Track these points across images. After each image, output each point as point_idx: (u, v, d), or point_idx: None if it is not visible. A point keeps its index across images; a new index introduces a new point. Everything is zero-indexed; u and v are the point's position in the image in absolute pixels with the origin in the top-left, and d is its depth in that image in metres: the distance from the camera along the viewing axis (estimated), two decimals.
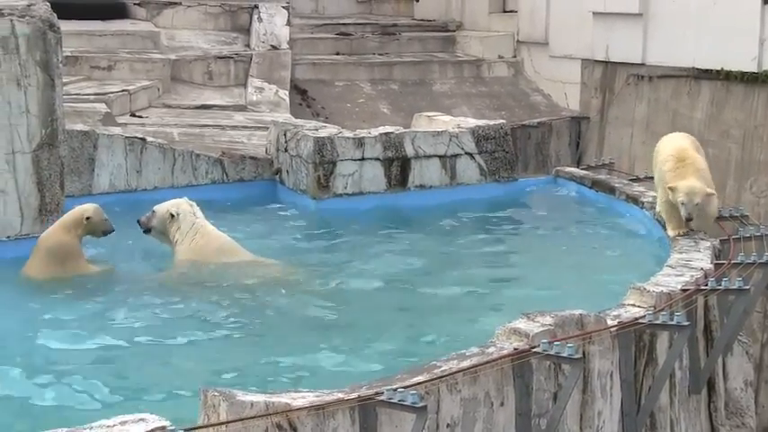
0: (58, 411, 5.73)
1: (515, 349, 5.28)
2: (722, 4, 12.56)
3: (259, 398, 4.65)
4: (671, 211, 7.81)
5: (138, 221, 8.54)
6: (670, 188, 7.61)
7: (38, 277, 7.96)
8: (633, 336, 5.85)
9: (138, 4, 16.29)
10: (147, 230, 8.55)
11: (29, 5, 8.55)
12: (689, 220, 7.54)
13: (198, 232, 8.39)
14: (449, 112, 12.99)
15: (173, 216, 8.41)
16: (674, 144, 8.06)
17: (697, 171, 7.66)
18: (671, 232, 7.83)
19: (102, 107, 11.91)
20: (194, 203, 8.60)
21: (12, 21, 8.27)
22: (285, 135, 10.41)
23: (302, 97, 14.90)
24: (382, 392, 4.77)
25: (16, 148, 8.33)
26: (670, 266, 6.83)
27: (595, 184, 10.21)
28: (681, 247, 7.37)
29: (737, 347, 7.21)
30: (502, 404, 5.26)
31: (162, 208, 8.54)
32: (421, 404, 4.69)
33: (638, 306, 6.02)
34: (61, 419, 5.07)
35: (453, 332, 6.89)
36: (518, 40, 16.27)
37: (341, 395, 4.81)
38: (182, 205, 8.53)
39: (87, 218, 8.12)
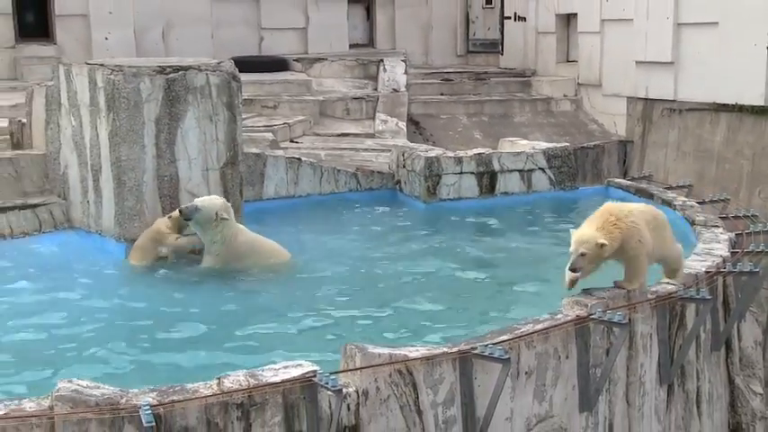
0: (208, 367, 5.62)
1: (577, 316, 5.19)
2: (735, 54, 12.23)
3: (384, 350, 4.65)
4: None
5: (180, 210, 7.73)
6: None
7: (140, 260, 7.84)
8: (668, 306, 5.70)
9: (296, 60, 16.50)
10: (188, 219, 7.71)
11: (218, 63, 8.70)
12: (572, 270, 5.26)
13: (237, 236, 7.73)
14: (526, 138, 12.86)
15: (220, 220, 7.64)
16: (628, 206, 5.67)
17: (610, 223, 5.30)
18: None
19: (269, 136, 12.06)
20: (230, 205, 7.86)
21: (207, 74, 8.41)
22: (403, 155, 10.40)
23: (416, 127, 14.88)
24: (476, 347, 4.74)
25: (209, 166, 8.46)
26: (696, 254, 6.64)
27: (638, 191, 9.96)
28: (705, 239, 7.15)
29: (749, 316, 7.01)
30: (567, 357, 5.17)
31: (210, 207, 7.65)
32: (506, 356, 4.65)
33: (672, 284, 5.85)
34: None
35: (527, 302, 6.81)
36: (578, 83, 16.05)
37: (445, 349, 4.78)
38: (229, 210, 7.74)
39: (169, 216, 8.04)
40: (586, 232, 5.32)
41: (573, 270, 5.29)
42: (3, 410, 3.99)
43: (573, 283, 5.41)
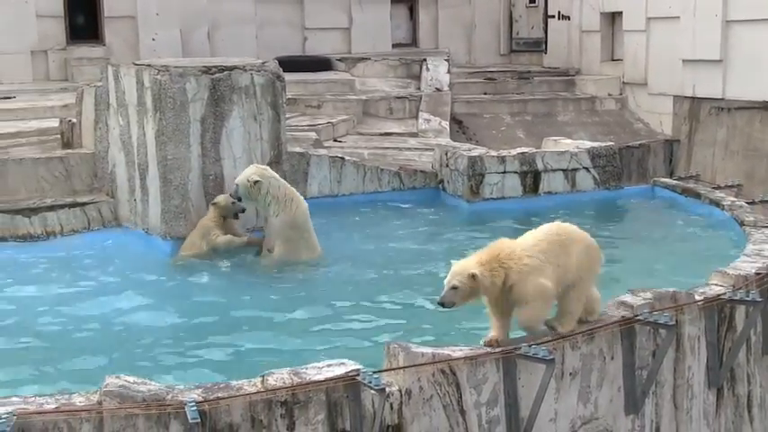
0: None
1: (623, 317, 5.12)
2: None
3: (427, 350, 4.63)
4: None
5: (230, 194, 7.96)
6: None
7: (187, 252, 7.93)
8: (716, 308, 5.59)
9: (340, 60, 16.54)
10: (238, 199, 7.92)
11: (263, 63, 8.75)
12: (440, 305, 4.73)
13: (291, 200, 7.84)
14: (570, 137, 12.73)
15: (253, 184, 7.78)
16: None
17: (497, 260, 4.69)
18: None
19: (313, 135, 12.10)
20: (267, 168, 8.01)
21: (251, 74, 8.47)
22: (446, 154, 10.36)
23: (459, 126, 14.83)
24: (520, 348, 4.69)
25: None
26: (746, 255, 6.51)
27: (685, 191, 9.82)
28: (755, 240, 7.01)
29: None
30: (612, 358, 5.10)
31: (242, 177, 7.87)
32: (550, 357, 4.60)
33: (720, 285, 5.74)
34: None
35: None
36: (623, 82, 15.89)
37: (489, 349, 4.74)
38: (259, 172, 7.86)
39: (213, 203, 8.10)
40: (462, 263, 4.73)
41: (441, 305, 4.71)
42: (53, 404, 4.04)
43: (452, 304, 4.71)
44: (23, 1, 14.77)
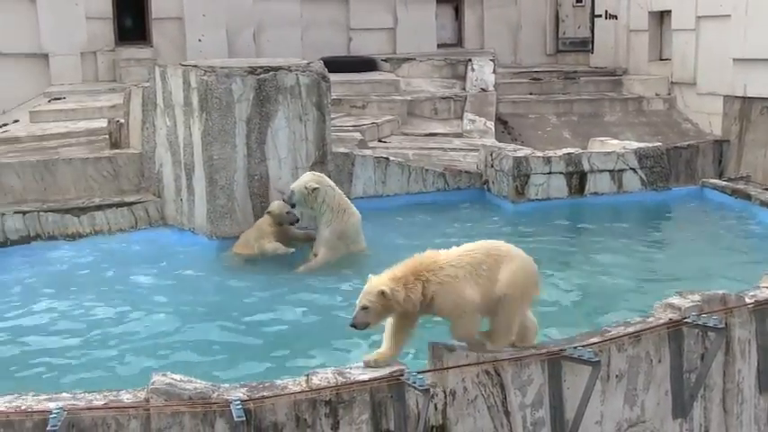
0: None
1: (670, 319, 5.05)
2: None
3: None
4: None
5: (283, 199, 8.02)
6: None
7: (240, 251, 7.98)
8: None
9: (385, 60, 16.57)
10: (293, 205, 7.94)
11: (308, 63, 8.79)
12: (352, 327, 4.53)
13: (345, 210, 7.86)
14: (616, 138, 12.61)
15: (311, 191, 7.80)
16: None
17: (415, 273, 4.49)
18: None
19: (357, 135, 12.13)
20: (324, 176, 8.03)
21: (297, 75, 8.52)
22: (491, 155, 10.31)
23: (504, 127, 14.76)
24: (565, 349, 4.66)
25: (298, 165, 8.55)
26: None
27: (734, 192, 9.67)
28: None
29: None
30: (660, 361, 5.03)
31: (299, 183, 7.89)
32: (596, 359, 4.56)
33: None
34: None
35: (616, 305, 6.66)
36: (672, 82, 15.69)
37: (533, 350, 4.72)
38: (317, 179, 7.88)
39: (268, 212, 8.14)
40: (374, 281, 4.47)
41: (353, 326, 4.49)
42: (102, 401, 4.11)
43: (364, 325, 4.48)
44: (74, 3, 15.02)
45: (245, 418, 4.03)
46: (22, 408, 4.01)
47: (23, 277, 7.66)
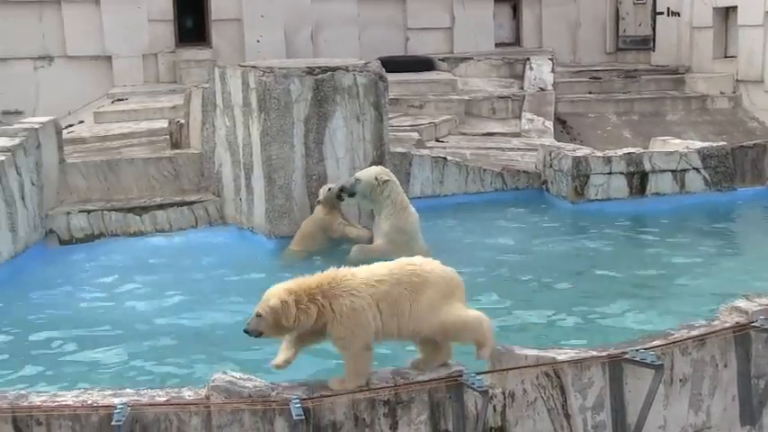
0: None
1: (737, 323, 4.93)
2: None
3: (531, 352, 4.57)
4: None
5: (342, 188, 7.88)
6: None
7: (298, 248, 7.97)
8: None
9: (442, 60, 16.55)
10: (351, 194, 7.85)
11: (366, 63, 8.81)
12: (245, 332, 4.21)
13: (405, 209, 7.81)
14: (679, 137, 12.39)
15: (381, 183, 7.76)
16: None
17: (314, 292, 4.12)
18: None
19: (415, 135, 12.14)
20: (390, 171, 7.95)
21: (354, 75, 8.54)
22: (550, 155, 10.22)
23: (563, 126, 14.63)
24: (627, 352, 4.58)
25: (355, 165, 8.55)
26: None
27: None
28: None
29: None
30: (726, 366, 4.91)
31: (368, 173, 7.81)
32: (658, 363, 4.47)
33: None
34: None
35: (680, 309, 6.54)
36: (737, 79, 15.38)
37: (594, 352, 4.65)
38: (387, 172, 7.85)
39: (318, 201, 8.16)
40: (274, 288, 4.14)
41: (246, 332, 4.16)
42: (164, 397, 4.17)
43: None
44: (137, 6, 15.30)
45: (304, 417, 4.05)
46: (88, 402, 4.09)
47: (87, 274, 7.81)
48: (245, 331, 4.18)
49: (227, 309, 6.82)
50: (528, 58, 15.84)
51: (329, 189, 8.13)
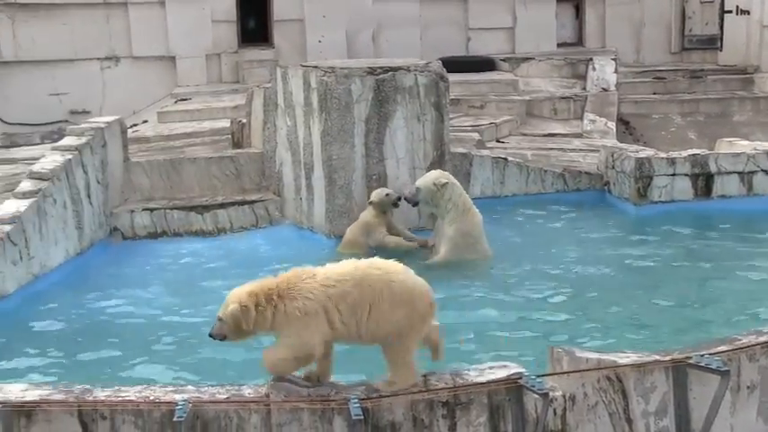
0: None
1: None
2: None
3: (593, 355, 4.51)
4: None
5: (405, 197, 7.90)
6: None
7: (347, 250, 7.85)
8: None
9: (503, 60, 16.44)
10: (415, 204, 7.89)
11: (426, 64, 8.80)
12: (210, 336, 4.20)
13: (469, 210, 7.74)
14: (746, 138, 12.09)
15: (440, 187, 7.71)
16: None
17: (271, 293, 4.10)
18: None
19: (476, 135, 12.07)
20: (449, 174, 7.95)
21: (415, 75, 8.54)
22: (612, 156, 10.07)
23: (626, 127, 14.41)
24: (691, 357, 4.49)
25: (416, 165, 8.57)
26: None
27: None
28: None
29: None
30: None
31: (426, 180, 7.78)
32: (724, 368, 4.38)
33: None
34: None
35: (748, 314, 6.39)
36: None
37: (657, 357, 4.57)
38: (446, 175, 7.82)
39: (370, 202, 8.12)
40: (235, 291, 4.10)
41: (211, 336, 4.15)
42: (225, 395, 4.21)
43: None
44: (201, 8, 15.51)
45: (362, 417, 4.06)
46: (151, 398, 4.16)
47: (149, 271, 7.95)
48: (210, 335, 4.15)
49: None
50: (590, 59, 15.64)
51: (387, 195, 8.12)
